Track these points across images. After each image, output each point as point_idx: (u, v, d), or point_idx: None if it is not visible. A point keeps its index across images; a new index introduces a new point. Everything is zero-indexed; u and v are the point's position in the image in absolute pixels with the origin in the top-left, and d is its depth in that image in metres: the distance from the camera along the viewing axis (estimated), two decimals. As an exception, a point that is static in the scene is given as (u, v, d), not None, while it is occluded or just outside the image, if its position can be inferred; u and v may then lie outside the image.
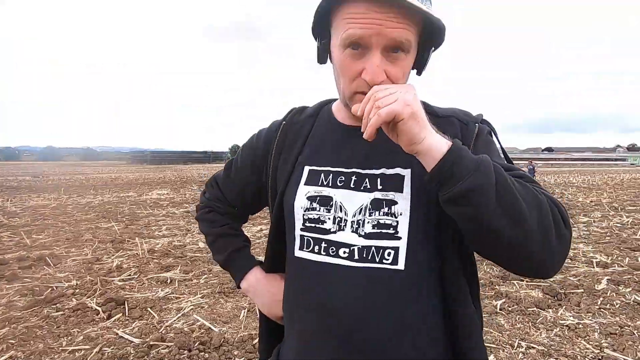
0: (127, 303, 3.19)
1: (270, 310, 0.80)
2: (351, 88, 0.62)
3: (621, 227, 6.44)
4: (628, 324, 2.82)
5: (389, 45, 0.57)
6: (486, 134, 0.68)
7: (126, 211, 8.62)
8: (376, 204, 0.64)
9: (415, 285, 0.63)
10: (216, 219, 0.87)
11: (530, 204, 0.52)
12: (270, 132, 0.79)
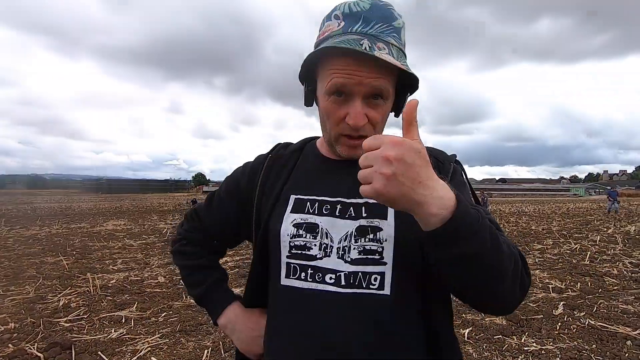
0: (74, 347, 2.87)
1: (248, 347, 0.77)
2: (336, 130, 0.67)
3: (571, 254, 6.88)
4: (585, 348, 2.94)
5: (369, 93, 0.63)
6: (459, 175, 0.73)
7: (77, 244, 7.98)
8: (361, 230, 0.65)
9: (401, 309, 0.63)
10: (193, 251, 0.84)
11: (509, 258, 0.54)
12: (256, 165, 0.80)
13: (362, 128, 0.64)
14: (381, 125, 0.68)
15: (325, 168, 0.75)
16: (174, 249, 0.87)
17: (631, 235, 9.44)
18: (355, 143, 0.66)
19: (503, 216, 16.39)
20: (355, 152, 0.67)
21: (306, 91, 0.72)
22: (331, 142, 0.70)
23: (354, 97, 0.63)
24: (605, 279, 5.02)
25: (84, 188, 64.90)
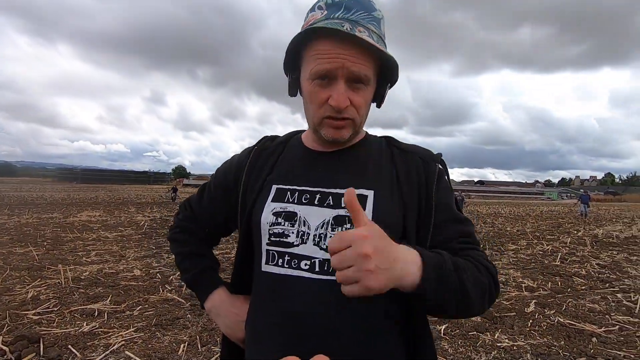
0: (42, 341, 2.76)
1: (232, 332, 0.79)
2: (319, 113, 0.69)
3: (543, 254, 7.14)
4: (554, 344, 3.06)
5: (351, 78, 0.65)
6: (444, 179, 0.75)
7: (48, 235, 7.68)
8: (339, 220, 0.67)
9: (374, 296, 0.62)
10: (186, 239, 0.88)
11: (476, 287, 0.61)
12: (242, 158, 0.83)
13: (345, 110, 0.66)
14: (364, 110, 0.70)
15: (307, 159, 0.77)
16: (169, 236, 0.91)
17: (599, 238, 9.89)
18: (339, 124, 0.68)
19: (480, 217, 16.83)
20: (340, 133, 0.69)
21: (290, 80, 0.73)
22: (315, 128, 0.71)
23: (336, 80, 0.65)
24: (574, 279, 5.24)
25: (57, 177, 62.34)
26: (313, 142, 0.78)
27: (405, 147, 0.78)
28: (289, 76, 0.73)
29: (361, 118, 0.70)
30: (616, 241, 9.33)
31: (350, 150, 0.76)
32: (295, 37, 0.65)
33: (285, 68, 0.72)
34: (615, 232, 11.59)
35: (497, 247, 7.79)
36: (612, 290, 4.68)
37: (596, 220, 17.10)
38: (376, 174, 0.73)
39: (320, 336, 0.64)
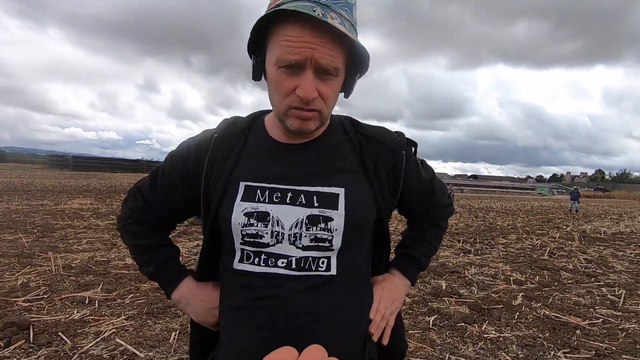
0: (32, 327, 2.75)
1: (204, 318, 0.80)
2: (285, 103, 0.66)
3: (532, 249, 7.25)
4: (539, 336, 3.14)
5: (319, 69, 0.63)
6: (413, 160, 0.81)
7: (38, 222, 7.59)
8: (313, 219, 0.69)
9: (347, 285, 0.72)
10: (142, 230, 0.83)
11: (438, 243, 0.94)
12: (202, 144, 0.77)
13: (313, 101, 0.64)
14: (332, 101, 0.68)
15: (274, 152, 0.74)
16: (120, 227, 0.85)
17: (587, 233, 10.07)
18: (306, 115, 0.66)
19: (472, 211, 17.01)
20: (306, 125, 0.67)
21: (254, 64, 0.70)
22: (280, 117, 0.69)
23: (304, 70, 0.62)
24: (561, 273, 5.35)
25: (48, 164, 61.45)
26: (279, 132, 0.75)
27: (372, 133, 0.78)
28: (253, 59, 0.70)
29: (328, 110, 0.69)
30: (603, 237, 9.51)
31: (318, 142, 0.74)
32: (260, 18, 0.61)
33: (249, 50, 0.68)
34: (603, 227, 11.80)
35: (487, 241, 7.90)
36: (597, 285, 4.79)
37: (585, 216, 17.39)
38: (345, 168, 0.73)
39: (297, 323, 0.67)
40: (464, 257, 6.13)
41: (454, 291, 4.20)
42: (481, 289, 4.38)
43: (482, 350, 2.85)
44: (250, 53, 0.69)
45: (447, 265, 5.45)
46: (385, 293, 0.79)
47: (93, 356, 2.44)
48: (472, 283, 4.60)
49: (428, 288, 4.29)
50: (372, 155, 0.75)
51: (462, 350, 2.83)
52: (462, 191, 54.66)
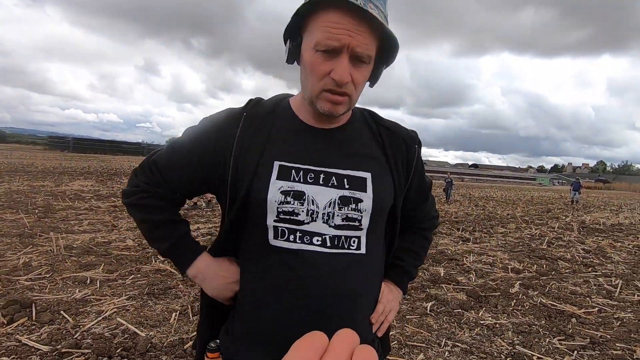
0: (34, 306, 2.79)
1: (221, 293, 0.81)
2: (319, 85, 0.69)
3: (531, 238, 7.29)
4: (535, 323, 3.18)
5: (354, 55, 0.67)
6: (421, 159, 0.88)
7: (39, 202, 7.62)
8: (345, 200, 0.74)
9: (373, 264, 0.80)
10: (156, 205, 0.80)
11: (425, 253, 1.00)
12: (230, 122, 0.77)
13: (345, 85, 0.68)
14: (361, 87, 0.73)
15: (305, 135, 0.77)
16: (131, 201, 0.81)
17: (586, 224, 10.10)
18: (338, 99, 0.70)
19: (472, 200, 17.04)
20: (336, 109, 0.71)
21: (290, 47, 0.72)
22: (312, 99, 0.72)
23: (341, 54, 0.66)
24: (559, 262, 5.38)
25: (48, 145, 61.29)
26: (307, 115, 0.78)
27: (390, 125, 0.85)
28: (289, 42, 0.72)
29: (357, 95, 0.73)
30: (602, 228, 9.55)
31: (345, 129, 0.80)
32: (305, 2, 0.66)
33: (286, 33, 0.71)
34: (602, 219, 11.84)
35: (486, 230, 7.93)
36: (594, 274, 4.82)
37: (585, 207, 17.42)
38: (370, 155, 0.79)
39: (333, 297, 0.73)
40: (463, 245, 6.16)
41: (452, 278, 4.23)
42: (479, 277, 4.42)
43: (478, 336, 2.89)
44: (287, 37, 0.72)
45: (445, 253, 5.48)
46: (387, 291, 0.87)
47: (95, 334, 2.48)
48: (470, 271, 4.64)
49: (426, 275, 4.33)
50: (391, 145, 0.82)
51: (458, 336, 2.87)
52: (463, 180, 54.60)
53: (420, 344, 2.69)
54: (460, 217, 9.83)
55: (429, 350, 2.63)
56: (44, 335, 2.43)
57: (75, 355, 2.22)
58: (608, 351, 2.75)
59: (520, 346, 2.75)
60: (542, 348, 2.75)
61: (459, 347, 2.69)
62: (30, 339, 2.36)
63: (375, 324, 0.82)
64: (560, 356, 2.65)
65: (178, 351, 2.37)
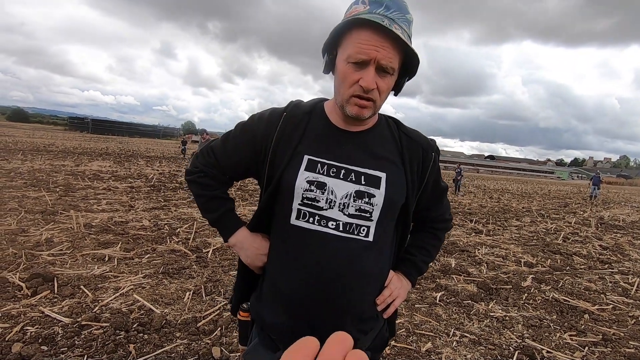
0: (56, 280, 2.91)
1: (253, 262, 0.96)
2: (349, 92, 0.82)
3: (546, 232, 7.16)
4: (546, 318, 3.15)
5: (380, 67, 0.79)
6: (437, 165, 0.98)
7: (60, 181, 7.87)
8: (359, 194, 0.85)
9: (380, 252, 0.90)
10: (210, 183, 0.98)
11: (437, 252, 1.09)
12: (273, 119, 0.91)
13: (371, 92, 0.80)
14: (385, 95, 0.84)
15: (333, 136, 0.89)
16: (191, 178, 0.99)
17: (605, 220, 9.84)
18: (364, 103, 0.81)
19: (487, 192, 16.77)
20: (362, 112, 0.83)
21: (327, 60, 0.86)
22: (342, 104, 0.84)
23: (369, 66, 0.78)
24: (574, 258, 5.28)
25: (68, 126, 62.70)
26: (337, 118, 0.90)
27: (411, 133, 0.96)
28: (326, 55, 0.86)
29: (381, 102, 0.84)
30: (622, 224, 9.29)
31: (368, 133, 0.91)
32: (342, 22, 0.79)
33: (325, 48, 0.85)
34: (622, 215, 11.51)
35: (500, 223, 7.82)
36: (610, 271, 4.72)
37: (604, 202, 16.93)
38: (387, 157, 0.90)
39: (341, 274, 0.84)
40: (475, 237, 6.10)
41: (462, 269, 4.21)
42: (490, 269, 4.38)
43: (488, 328, 2.88)
44: (324, 51, 0.86)
45: (457, 244, 5.44)
46: (396, 279, 0.98)
47: (112, 309, 2.58)
48: (481, 263, 4.60)
49: (437, 265, 4.32)
50: (409, 150, 0.92)
51: (467, 327, 2.87)
52: (478, 171, 53.63)
53: (429, 333, 2.71)
54: (474, 209, 9.71)
55: (437, 339, 2.65)
56: (65, 308, 2.54)
57: (95, 328, 2.32)
58: (621, 349, 2.71)
59: (530, 339, 2.74)
60: (552, 343, 2.73)
61: (467, 337, 2.70)
62: (53, 311, 2.47)
63: (381, 305, 0.93)
64: (570, 351, 2.62)
65: (191, 329, 2.45)
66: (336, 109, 0.89)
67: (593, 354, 2.61)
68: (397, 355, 2.39)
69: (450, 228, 1.13)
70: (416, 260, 1.03)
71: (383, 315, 0.95)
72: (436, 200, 1.03)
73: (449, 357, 2.43)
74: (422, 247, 1.05)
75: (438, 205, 1.05)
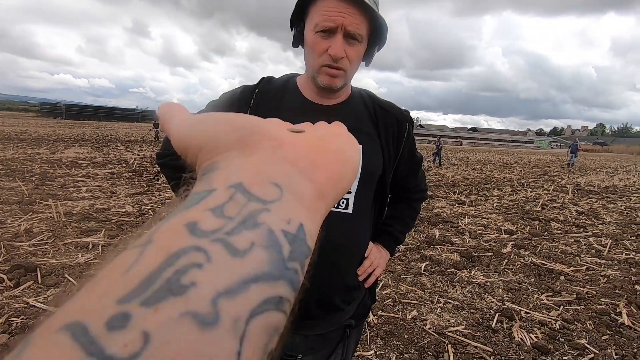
0: (39, 270, 2.86)
1: None
2: (319, 61, 0.81)
3: (526, 200, 7.40)
4: (525, 281, 3.30)
5: (347, 34, 0.78)
6: (412, 136, 0.98)
7: (36, 170, 7.59)
8: None
9: (360, 223, 0.92)
10: (181, 165, 0.94)
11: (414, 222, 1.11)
12: (244, 97, 0.89)
13: (341, 60, 0.80)
14: (356, 64, 0.84)
15: (308, 110, 0.88)
16: (163, 162, 0.94)
17: (581, 186, 10.22)
18: (335, 72, 0.81)
19: (470, 164, 17.09)
20: (333, 81, 0.82)
21: (295, 32, 0.86)
22: (313, 75, 0.83)
23: (336, 34, 0.78)
24: (551, 223, 5.50)
25: (40, 112, 59.97)
26: (311, 92, 0.89)
27: (384, 104, 0.95)
28: (293, 29, 0.86)
29: (352, 71, 0.84)
30: (597, 190, 9.67)
31: (343, 106, 0.91)
32: None
33: (291, 21, 0.86)
34: (597, 181, 11.96)
35: (482, 193, 8.03)
36: (585, 235, 4.95)
37: (581, 169, 17.53)
38: (363, 130, 0.90)
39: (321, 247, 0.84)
40: (459, 208, 6.26)
41: (446, 240, 4.34)
42: (473, 238, 4.53)
43: (470, 293, 3.01)
44: (292, 24, 0.86)
45: (441, 216, 5.58)
46: (375, 250, 1.00)
47: (100, 296, 2.57)
48: (464, 232, 4.74)
49: (422, 236, 4.43)
50: (383, 122, 0.92)
51: (450, 293, 2.99)
52: (461, 144, 54.42)
53: (414, 301, 2.81)
54: (457, 181, 9.91)
55: (422, 306, 2.75)
56: (51, 298, 2.51)
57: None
58: (593, 306, 2.88)
59: (510, 302, 2.88)
60: (530, 304, 2.88)
61: (451, 303, 2.81)
62: (38, 301, 2.44)
63: (362, 275, 0.95)
64: (547, 311, 2.78)
65: (181, 310, 2.47)
66: (309, 83, 0.88)
67: (567, 312, 2.77)
68: (384, 324, 2.48)
69: (427, 198, 1.16)
70: (394, 231, 1.06)
71: (364, 284, 0.97)
72: (412, 171, 1.04)
73: (433, 322, 2.54)
74: (400, 218, 1.08)
75: (414, 175, 1.06)
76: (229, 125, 0.20)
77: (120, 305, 0.12)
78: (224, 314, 0.12)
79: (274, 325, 0.14)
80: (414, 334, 2.40)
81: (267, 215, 0.16)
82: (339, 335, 0.95)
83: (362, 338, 2.28)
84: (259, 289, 0.14)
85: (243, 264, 0.14)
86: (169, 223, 0.15)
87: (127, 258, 0.14)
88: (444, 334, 2.40)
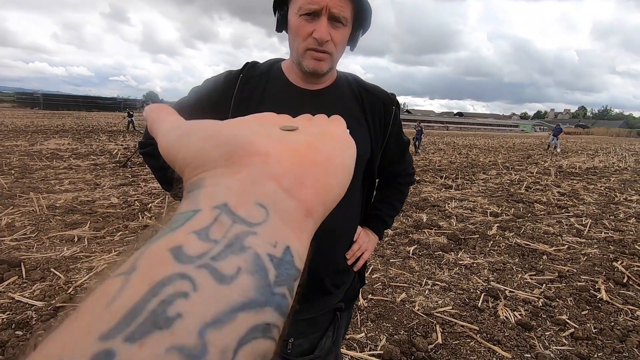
0: (23, 264, 2.80)
1: None
2: (303, 45, 0.80)
3: (510, 183, 7.56)
4: (509, 261, 3.40)
5: (332, 16, 0.77)
6: (398, 119, 0.97)
7: (15, 163, 7.35)
8: None
9: (349, 208, 0.92)
10: None
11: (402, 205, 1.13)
12: (229, 82, 0.87)
13: (326, 44, 0.79)
14: (341, 47, 0.82)
15: (293, 95, 0.87)
16: (146, 151, 0.92)
17: (563, 169, 10.48)
18: (320, 56, 0.80)
19: (456, 148, 17.29)
20: (319, 65, 0.81)
21: (278, 17, 0.85)
22: (298, 59, 0.82)
23: (320, 17, 0.77)
24: (535, 205, 5.65)
25: (16, 102, 57.72)
26: (296, 77, 0.87)
27: (370, 88, 0.95)
28: (277, 13, 0.84)
29: (337, 54, 0.83)
30: (578, 171, 9.94)
31: (329, 90, 0.90)
32: None
33: (274, 5, 0.84)
34: (579, 163, 12.28)
35: (468, 177, 8.16)
36: (567, 215, 5.11)
37: (563, 152, 17.94)
38: (349, 114, 0.88)
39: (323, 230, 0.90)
40: (445, 192, 6.35)
41: (434, 223, 4.42)
42: (459, 221, 4.62)
43: (457, 275, 3.09)
44: (275, 9, 0.85)
45: (428, 200, 5.66)
46: (364, 234, 1.02)
47: (87, 289, 2.53)
48: (451, 216, 4.83)
49: (410, 221, 4.50)
50: (370, 106, 0.91)
51: (438, 276, 3.06)
52: (448, 129, 54.87)
53: (403, 284, 2.87)
54: (444, 165, 10.03)
55: (410, 289, 2.81)
56: (37, 292, 2.47)
57: (71, 308, 2.28)
58: (573, 283, 3.00)
59: (495, 282, 2.97)
60: (515, 283, 2.97)
61: (439, 285, 2.89)
62: (24, 296, 2.40)
63: (351, 259, 0.96)
64: (530, 289, 2.87)
65: (172, 301, 2.46)
66: (294, 67, 0.87)
67: (549, 290, 2.88)
68: (374, 307, 2.53)
69: (414, 182, 1.17)
70: (382, 214, 1.07)
71: (353, 268, 0.99)
72: (399, 154, 1.05)
73: (421, 304, 2.60)
74: (388, 201, 1.09)
75: (401, 159, 1.07)
76: (214, 140, 0.20)
77: (103, 342, 0.11)
78: (211, 346, 0.12)
79: (262, 353, 0.14)
80: (403, 315, 2.46)
81: (253, 238, 0.15)
82: (329, 319, 0.96)
83: (352, 321, 2.32)
84: (246, 317, 0.13)
85: (230, 291, 0.13)
86: (153, 247, 0.15)
87: (111, 288, 0.13)
88: (432, 315, 2.46)
